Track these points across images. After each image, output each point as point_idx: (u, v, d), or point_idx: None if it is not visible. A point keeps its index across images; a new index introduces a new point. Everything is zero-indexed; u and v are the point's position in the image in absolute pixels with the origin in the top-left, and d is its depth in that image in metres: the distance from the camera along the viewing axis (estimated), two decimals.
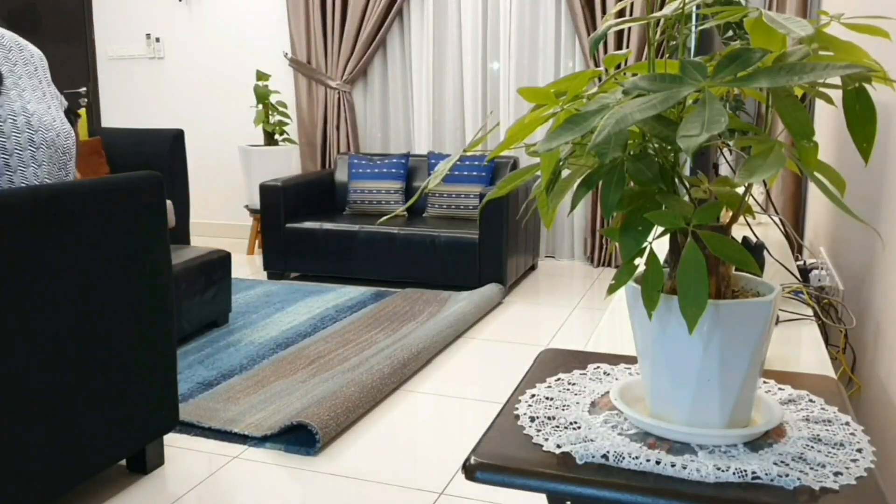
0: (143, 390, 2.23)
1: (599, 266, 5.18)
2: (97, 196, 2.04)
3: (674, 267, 0.86)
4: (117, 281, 2.11)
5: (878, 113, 0.76)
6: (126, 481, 2.34)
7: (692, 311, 0.75)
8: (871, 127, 0.75)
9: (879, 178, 1.55)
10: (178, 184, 4.31)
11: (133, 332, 2.18)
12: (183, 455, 2.50)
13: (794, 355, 1.33)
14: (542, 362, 1.14)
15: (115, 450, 2.17)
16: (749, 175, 0.71)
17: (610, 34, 3.57)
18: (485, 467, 0.85)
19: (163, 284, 2.27)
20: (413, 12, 5.35)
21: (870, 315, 1.57)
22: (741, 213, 0.85)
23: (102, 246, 2.06)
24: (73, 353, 1.98)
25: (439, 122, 5.46)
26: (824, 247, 2.30)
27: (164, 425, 2.35)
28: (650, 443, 0.86)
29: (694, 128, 0.70)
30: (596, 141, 0.72)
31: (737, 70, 0.74)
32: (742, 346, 0.83)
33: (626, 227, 0.81)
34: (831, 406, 0.97)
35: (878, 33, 0.79)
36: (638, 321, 0.88)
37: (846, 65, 0.71)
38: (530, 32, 5.19)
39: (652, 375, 0.88)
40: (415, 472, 2.37)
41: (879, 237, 1.50)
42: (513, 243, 4.50)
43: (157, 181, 2.24)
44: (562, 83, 0.88)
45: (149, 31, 6.01)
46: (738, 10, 0.82)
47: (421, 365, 3.30)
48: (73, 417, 1.99)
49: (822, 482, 0.78)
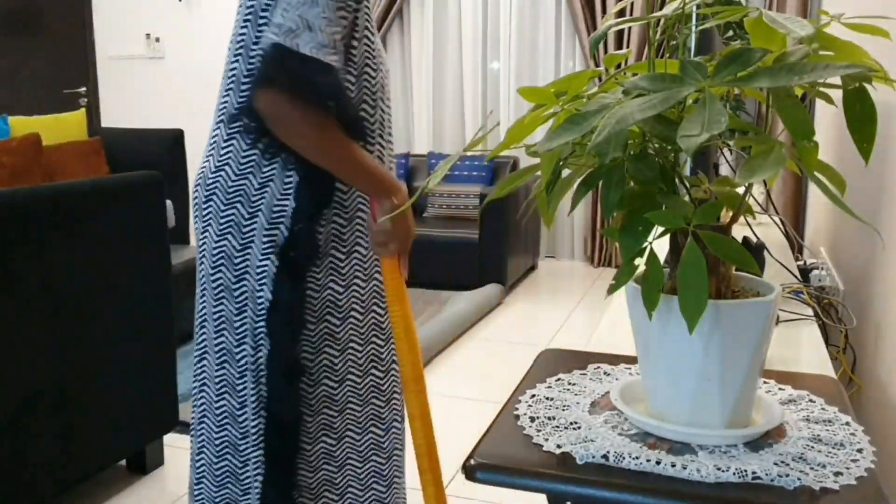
0: (143, 390, 2.23)
1: (599, 266, 5.17)
2: (97, 196, 2.04)
3: (674, 267, 0.86)
4: (117, 281, 2.11)
5: (879, 113, 0.76)
6: (126, 481, 2.34)
7: (692, 311, 0.75)
8: (872, 127, 0.75)
9: (879, 178, 1.55)
10: (178, 184, 4.31)
11: (133, 332, 2.17)
12: (183, 455, 2.50)
13: (795, 355, 1.33)
14: (542, 362, 1.14)
15: (115, 450, 2.17)
16: (749, 175, 0.71)
17: (610, 34, 3.58)
18: (485, 467, 0.85)
19: (163, 284, 2.27)
20: (413, 12, 5.35)
21: (870, 315, 1.57)
22: (741, 213, 0.85)
23: (102, 246, 2.06)
24: (73, 353, 1.98)
25: (439, 122, 5.46)
26: (824, 247, 2.30)
27: (164, 425, 2.34)
28: (650, 443, 0.86)
29: (694, 128, 0.70)
30: (596, 141, 0.72)
31: (737, 70, 0.74)
32: (742, 346, 0.83)
33: (626, 227, 0.81)
34: (831, 406, 0.97)
35: (878, 33, 0.79)
36: (638, 321, 0.88)
37: (846, 65, 0.71)
38: (530, 32, 5.19)
39: (652, 375, 0.88)
40: (415, 472, 2.37)
41: (880, 237, 1.50)
42: (513, 243, 4.50)
43: (157, 181, 2.24)
44: (562, 83, 0.88)
45: (149, 31, 6.01)
46: (738, 10, 0.82)
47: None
48: (74, 418, 1.99)
49: (823, 482, 0.78)
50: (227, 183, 1.38)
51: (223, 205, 1.38)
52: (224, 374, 1.44)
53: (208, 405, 1.47)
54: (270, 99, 1.25)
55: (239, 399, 1.43)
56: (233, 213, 1.38)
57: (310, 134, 1.27)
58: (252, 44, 1.35)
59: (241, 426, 1.44)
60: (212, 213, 1.40)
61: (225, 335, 1.43)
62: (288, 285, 1.36)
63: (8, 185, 3.86)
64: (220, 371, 1.44)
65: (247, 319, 1.40)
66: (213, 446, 1.47)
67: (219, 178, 1.39)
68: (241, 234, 1.38)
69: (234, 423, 1.45)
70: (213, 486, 1.48)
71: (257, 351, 1.40)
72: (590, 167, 0.84)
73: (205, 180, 1.41)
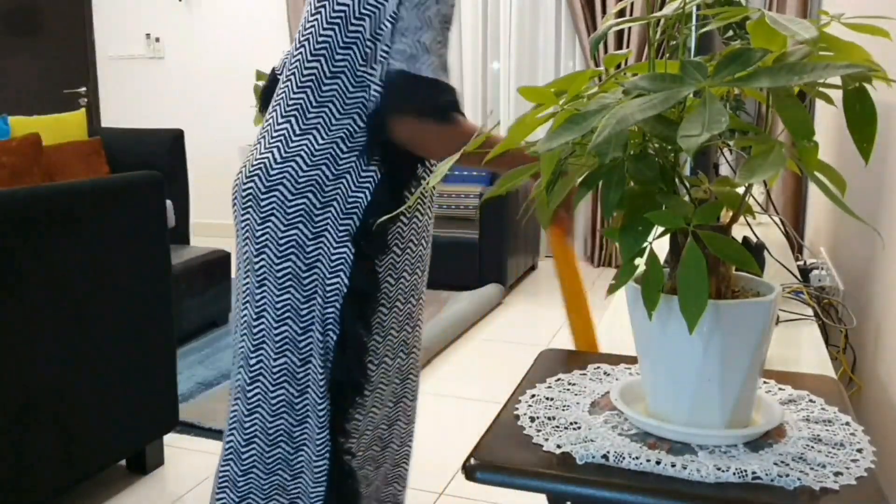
0: (143, 390, 2.23)
1: (599, 266, 5.17)
2: (97, 196, 2.04)
3: (674, 267, 0.86)
4: (117, 281, 2.11)
5: (879, 113, 0.76)
6: (126, 481, 2.34)
7: (692, 311, 0.75)
8: (872, 127, 0.75)
9: (879, 178, 1.55)
10: (178, 184, 4.31)
11: (133, 332, 2.18)
12: (183, 455, 2.50)
13: (795, 355, 1.33)
14: (542, 362, 1.14)
15: (115, 450, 2.17)
16: (749, 175, 0.71)
17: (610, 34, 3.57)
18: (485, 467, 0.85)
19: (163, 284, 2.27)
20: None
21: (870, 315, 1.57)
22: (741, 213, 0.85)
23: (102, 246, 2.06)
24: (73, 353, 1.98)
25: None
26: (824, 247, 2.30)
27: (164, 425, 2.34)
28: (650, 443, 0.86)
29: (694, 128, 0.70)
30: (596, 141, 0.72)
31: (737, 70, 0.74)
32: (742, 347, 0.83)
33: (626, 227, 0.81)
34: (831, 406, 0.97)
35: (878, 33, 0.79)
36: (638, 321, 0.88)
37: (846, 65, 0.71)
38: (530, 32, 5.19)
39: (652, 375, 0.88)
40: (415, 472, 2.37)
41: (880, 237, 1.50)
42: (513, 243, 4.50)
43: (157, 181, 2.24)
44: (562, 83, 0.88)
45: (149, 31, 6.01)
46: (738, 11, 0.82)
47: (421, 365, 3.30)
48: (74, 418, 1.99)
49: (823, 482, 0.78)
50: (298, 173, 1.41)
51: (291, 195, 1.41)
52: (285, 364, 1.48)
53: (263, 395, 1.50)
54: (405, 127, 1.36)
55: (298, 387, 1.48)
56: (304, 202, 1.41)
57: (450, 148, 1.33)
58: (339, 48, 1.40)
59: (299, 413, 1.49)
60: (276, 202, 1.42)
61: (289, 324, 1.46)
62: (363, 273, 1.42)
63: (8, 185, 3.86)
64: (281, 360, 1.48)
65: (315, 307, 1.44)
66: (266, 435, 1.51)
67: (287, 168, 1.42)
68: (312, 223, 1.42)
69: (291, 411, 1.50)
70: (262, 475, 1.53)
71: (325, 337, 1.44)
72: (589, 167, 0.84)
73: (266, 171, 1.43)
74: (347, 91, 1.40)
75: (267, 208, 1.43)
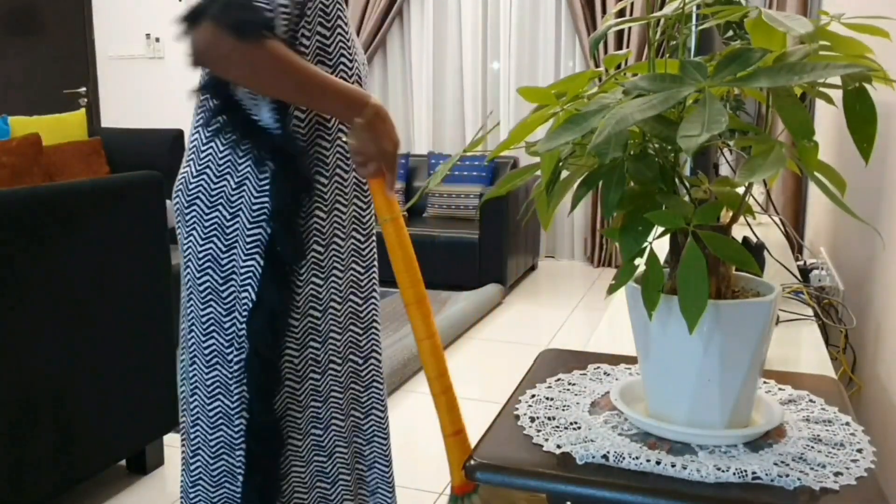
0: (143, 390, 2.23)
1: (599, 266, 5.17)
2: (97, 196, 2.04)
3: (674, 267, 0.86)
4: (117, 281, 2.11)
5: (879, 113, 0.76)
6: (126, 481, 2.34)
7: (692, 311, 0.75)
8: (872, 127, 0.75)
9: (879, 178, 1.55)
10: None
11: (133, 332, 2.17)
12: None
13: (795, 355, 1.33)
14: (542, 362, 1.14)
15: (115, 450, 2.17)
16: (749, 175, 0.71)
17: (610, 34, 3.58)
18: (485, 467, 0.85)
19: (163, 284, 2.27)
20: (413, 12, 5.35)
21: (870, 315, 1.57)
22: (741, 213, 0.85)
23: (102, 246, 2.06)
24: (73, 354, 1.98)
25: (439, 122, 5.46)
26: (824, 247, 2.30)
27: (164, 425, 2.34)
28: (650, 443, 0.86)
29: (694, 128, 0.70)
30: (596, 141, 0.72)
31: (737, 70, 0.74)
32: (742, 347, 0.83)
33: (626, 227, 0.81)
34: (831, 406, 0.97)
35: (878, 33, 0.79)
36: (638, 321, 0.88)
37: (846, 64, 0.71)
38: (530, 32, 5.19)
39: (652, 375, 0.88)
40: (415, 472, 2.37)
41: (880, 237, 1.50)
42: (513, 243, 4.50)
43: (157, 181, 2.24)
44: (562, 84, 0.88)
45: (149, 31, 6.01)
46: (737, 10, 0.82)
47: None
48: (73, 418, 1.99)
49: (823, 482, 0.78)
50: (209, 186, 1.38)
51: (206, 208, 1.39)
52: (217, 377, 1.44)
53: (201, 408, 1.47)
54: (201, 36, 1.22)
55: (233, 400, 1.44)
56: (216, 215, 1.38)
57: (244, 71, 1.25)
58: None
59: (236, 426, 1.45)
60: (195, 217, 1.40)
61: (215, 338, 1.43)
62: (273, 286, 1.37)
63: (8, 185, 3.86)
64: (212, 373, 1.45)
65: (235, 321, 1.41)
66: (209, 447, 1.48)
67: (201, 182, 1.39)
68: (224, 236, 1.39)
69: (229, 424, 1.45)
70: (210, 487, 1.50)
71: (241, 353, 1.41)
72: (589, 167, 0.84)
73: (186, 185, 1.41)
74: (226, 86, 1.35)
75: (190, 223, 1.41)
